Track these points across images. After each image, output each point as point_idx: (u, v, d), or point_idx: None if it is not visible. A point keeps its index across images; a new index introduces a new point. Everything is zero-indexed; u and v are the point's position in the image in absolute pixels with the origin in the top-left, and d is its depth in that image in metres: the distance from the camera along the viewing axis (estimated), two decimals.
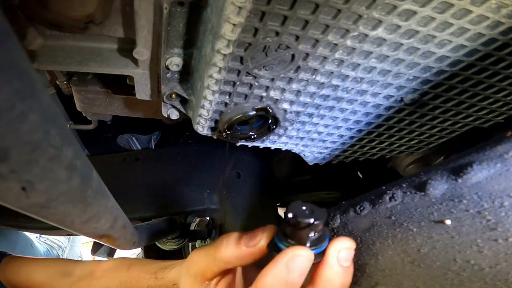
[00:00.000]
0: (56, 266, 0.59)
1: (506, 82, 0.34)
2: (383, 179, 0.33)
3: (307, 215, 0.23)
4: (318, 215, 0.23)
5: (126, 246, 0.38)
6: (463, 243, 0.23)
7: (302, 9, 0.24)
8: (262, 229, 0.29)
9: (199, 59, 0.31)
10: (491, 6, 0.25)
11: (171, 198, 0.77)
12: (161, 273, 0.45)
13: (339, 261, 0.25)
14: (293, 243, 0.25)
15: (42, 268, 0.59)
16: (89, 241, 2.17)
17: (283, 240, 0.25)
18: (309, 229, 0.24)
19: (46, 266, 0.60)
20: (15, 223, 0.75)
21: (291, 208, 0.23)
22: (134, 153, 0.84)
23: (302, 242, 0.25)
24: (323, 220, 0.23)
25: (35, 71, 0.15)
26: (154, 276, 0.46)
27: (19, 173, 0.13)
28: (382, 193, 0.28)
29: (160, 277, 0.45)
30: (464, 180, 0.23)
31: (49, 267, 0.59)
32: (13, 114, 0.12)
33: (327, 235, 0.26)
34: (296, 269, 0.24)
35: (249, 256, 0.29)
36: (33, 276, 0.59)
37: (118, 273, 0.51)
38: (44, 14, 0.32)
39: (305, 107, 0.36)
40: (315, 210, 0.23)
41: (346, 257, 0.25)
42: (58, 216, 0.18)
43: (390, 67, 0.31)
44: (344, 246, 0.25)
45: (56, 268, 0.58)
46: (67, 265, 0.59)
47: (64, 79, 0.49)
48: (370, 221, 0.29)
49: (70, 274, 0.56)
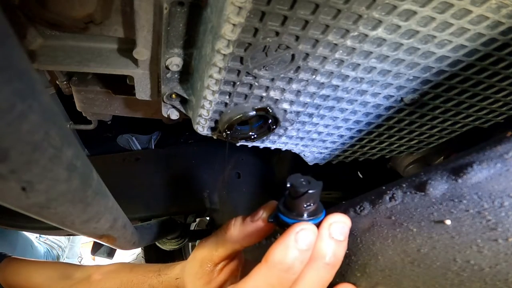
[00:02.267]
0: (55, 268, 0.59)
1: (506, 82, 0.34)
2: (383, 179, 0.33)
3: (304, 185, 0.25)
4: (314, 186, 0.25)
5: (126, 246, 0.38)
6: (463, 243, 0.23)
7: (302, 9, 0.24)
8: (264, 205, 0.31)
9: (199, 59, 0.31)
10: (491, 6, 0.25)
11: (171, 198, 0.77)
12: (164, 270, 0.46)
13: (331, 234, 0.26)
14: (293, 214, 0.26)
15: (41, 270, 0.59)
16: (89, 241, 2.17)
17: (283, 212, 0.27)
18: (306, 198, 0.25)
19: (45, 268, 0.60)
20: (15, 223, 0.75)
21: (289, 178, 0.25)
22: (134, 153, 0.84)
23: (300, 213, 0.26)
24: (319, 190, 0.25)
25: (35, 71, 0.15)
26: (158, 273, 0.46)
27: (19, 173, 0.13)
28: (382, 193, 0.28)
29: (163, 274, 0.45)
30: (464, 180, 0.23)
31: (48, 269, 0.59)
32: (13, 114, 0.12)
33: (323, 209, 0.27)
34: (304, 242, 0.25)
35: (255, 233, 0.31)
36: (32, 278, 0.58)
37: (119, 274, 0.51)
38: (44, 14, 0.32)
39: (305, 107, 0.36)
40: (311, 181, 0.25)
41: (339, 230, 0.26)
42: (58, 216, 0.18)
43: (390, 67, 0.31)
44: (336, 220, 0.26)
45: (55, 270, 0.58)
46: (67, 268, 0.59)
47: (64, 79, 0.49)
48: (370, 221, 0.29)
49: (69, 276, 0.56)
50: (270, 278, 0.25)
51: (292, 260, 0.25)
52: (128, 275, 0.49)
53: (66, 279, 0.56)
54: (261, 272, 0.26)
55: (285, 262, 0.24)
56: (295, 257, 0.25)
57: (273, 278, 0.25)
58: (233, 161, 0.82)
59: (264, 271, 0.25)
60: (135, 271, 0.50)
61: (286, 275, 0.25)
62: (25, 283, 0.59)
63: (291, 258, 0.24)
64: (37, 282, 0.58)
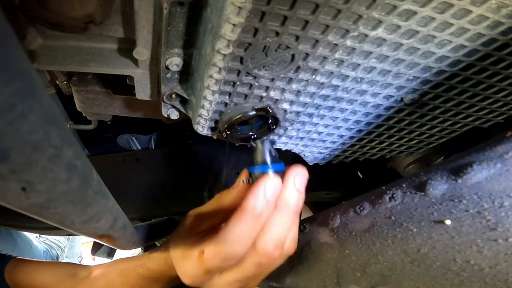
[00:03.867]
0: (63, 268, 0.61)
1: (506, 82, 0.34)
2: (383, 179, 0.33)
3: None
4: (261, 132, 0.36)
5: (126, 246, 0.38)
6: (463, 243, 0.23)
7: (302, 9, 0.24)
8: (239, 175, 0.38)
9: (199, 59, 0.31)
10: (491, 6, 0.25)
11: (171, 198, 0.77)
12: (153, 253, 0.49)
13: (295, 185, 0.31)
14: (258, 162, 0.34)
15: (50, 270, 0.61)
16: (89, 241, 2.17)
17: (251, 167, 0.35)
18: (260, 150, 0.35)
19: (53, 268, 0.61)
20: (15, 223, 0.75)
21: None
22: (134, 153, 0.84)
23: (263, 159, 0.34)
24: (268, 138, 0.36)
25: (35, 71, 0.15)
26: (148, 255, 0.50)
27: (19, 173, 0.13)
28: (382, 193, 0.28)
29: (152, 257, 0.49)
30: (464, 180, 0.23)
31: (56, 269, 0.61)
32: (13, 114, 0.12)
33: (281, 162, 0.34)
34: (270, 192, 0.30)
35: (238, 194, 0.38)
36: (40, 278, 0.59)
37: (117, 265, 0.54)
38: (44, 14, 0.32)
39: (305, 107, 0.36)
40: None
41: (300, 182, 0.31)
42: (58, 216, 0.18)
43: (390, 67, 0.31)
44: (299, 172, 0.32)
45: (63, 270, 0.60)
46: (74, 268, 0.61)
47: (64, 79, 0.49)
48: (370, 221, 0.29)
49: (75, 275, 0.58)
50: (244, 224, 0.30)
51: (261, 208, 0.30)
52: (125, 264, 0.52)
53: (73, 278, 0.57)
54: (237, 219, 0.30)
55: (256, 209, 0.30)
56: (264, 204, 0.30)
57: (247, 224, 0.30)
58: (233, 161, 0.82)
59: (239, 216, 0.30)
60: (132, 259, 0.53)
61: (257, 221, 0.30)
62: (33, 284, 0.59)
63: (261, 205, 0.30)
64: (45, 282, 0.59)
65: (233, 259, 0.31)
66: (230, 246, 0.30)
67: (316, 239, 0.39)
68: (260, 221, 0.30)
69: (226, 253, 0.31)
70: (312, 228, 0.39)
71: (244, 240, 0.30)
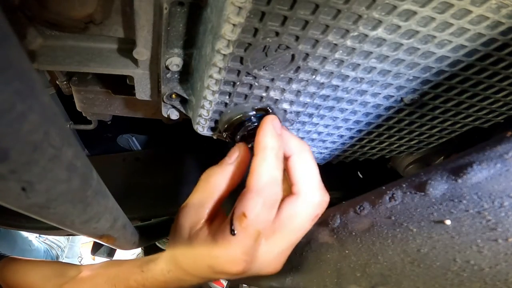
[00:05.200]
0: (51, 267, 0.59)
1: (506, 82, 0.34)
2: (383, 179, 0.33)
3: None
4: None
5: (126, 246, 0.38)
6: (463, 243, 0.23)
7: (302, 9, 0.24)
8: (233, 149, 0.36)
9: (199, 59, 0.31)
10: (491, 6, 0.25)
11: (171, 198, 0.77)
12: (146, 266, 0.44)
13: (274, 129, 0.31)
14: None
15: (37, 269, 0.59)
16: (89, 241, 2.17)
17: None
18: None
19: (41, 267, 0.60)
20: (15, 223, 0.75)
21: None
22: (134, 153, 0.84)
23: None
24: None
25: (35, 71, 0.15)
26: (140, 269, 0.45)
27: (19, 173, 0.13)
28: (382, 193, 0.28)
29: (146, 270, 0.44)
30: (464, 180, 0.23)
31: (44, 268, 0.59)
32: (13, 114, 0.12)
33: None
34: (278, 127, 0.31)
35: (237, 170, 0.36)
36: (28, 277, 0.59)
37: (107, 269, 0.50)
38: (44, 14, 0.32)
39: (305, 107, 0.36)
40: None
41: (278, 126, 0.31)
42: (58, 216, 0.18)
43: (390, 67, 0.31)
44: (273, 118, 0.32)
45: (51, 269, 0.58)
46: (62, 266, 0.59)
47: (64, 79, 0.49)
48: (370, 221, 0.29)
49: (63, 274, 0.56)
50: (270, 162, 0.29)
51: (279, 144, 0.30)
52: (116, 270, 0.49)
53: (60, 277, 0.56)
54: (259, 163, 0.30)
55: (275, 147, 0.30)
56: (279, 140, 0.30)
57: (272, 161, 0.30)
58: None
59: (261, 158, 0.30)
60: (123, 266, 0.49)
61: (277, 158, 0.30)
62: (22, 282, 0.59)
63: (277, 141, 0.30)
64: (32, 281, 0.58)
65: (276, 203, 0.30)
66: (268, 188, 0.29)
67: (316, 239, 0.39)
68: (279, 156, 0.30)
69: (268, 198, 0.29)
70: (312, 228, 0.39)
71: (277, 179, 0.30)
